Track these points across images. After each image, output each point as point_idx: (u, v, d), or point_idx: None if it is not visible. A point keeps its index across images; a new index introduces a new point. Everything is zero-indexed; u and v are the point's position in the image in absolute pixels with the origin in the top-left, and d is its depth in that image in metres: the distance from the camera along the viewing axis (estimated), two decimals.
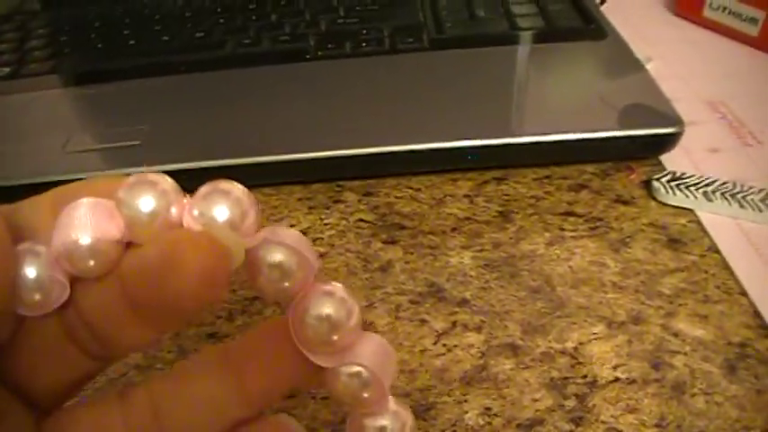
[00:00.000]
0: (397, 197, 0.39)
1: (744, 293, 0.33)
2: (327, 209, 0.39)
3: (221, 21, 0.50)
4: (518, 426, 0.28)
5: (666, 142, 0.38)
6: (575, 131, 0.38)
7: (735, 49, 0.48)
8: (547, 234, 0.36)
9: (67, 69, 0.48)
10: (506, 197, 0.38)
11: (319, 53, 0.46)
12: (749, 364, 0.30)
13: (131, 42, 0.49)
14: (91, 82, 0.46)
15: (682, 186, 0.37)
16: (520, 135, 0.38)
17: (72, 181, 0.38)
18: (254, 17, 0.50)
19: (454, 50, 0.45)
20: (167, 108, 0.43)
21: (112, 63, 0.47)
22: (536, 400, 0.29)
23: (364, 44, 0.46)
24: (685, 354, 0.30)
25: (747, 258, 0.34)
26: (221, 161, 0.39)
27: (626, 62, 0.43)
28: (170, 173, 0.38)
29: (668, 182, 0.37)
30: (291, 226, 0.38)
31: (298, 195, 0.40)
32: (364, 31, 0.47)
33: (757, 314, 0.32)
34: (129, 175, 0.38)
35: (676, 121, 0.38)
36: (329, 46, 0.46)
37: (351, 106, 0.41)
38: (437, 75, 0.43)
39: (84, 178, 0.38)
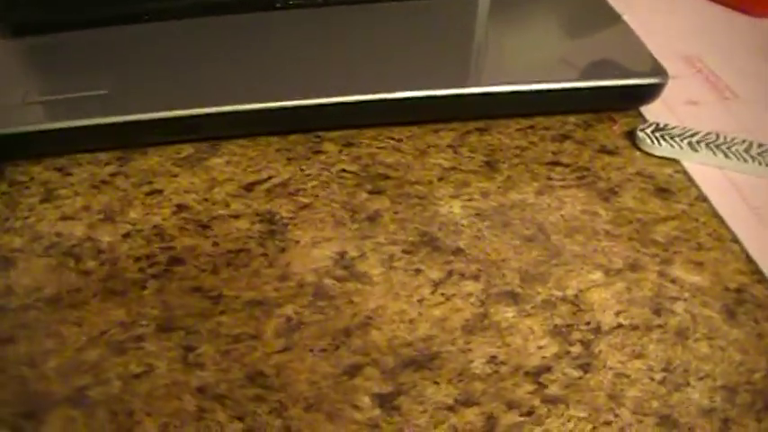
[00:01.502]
0: (378, 148, 0.38)
1: (735, 240, 0.33)
2: (308, 159, 0.37)
3: None
4: (526, 373, 0.28)
5: (649, 93, 0.38)
6: (557, 81, 0.38)
7: (704, 6, 0.48)
8: (535, 183, 0.36)
9: (18, 18, 0.45)
10: (491, 147, 0.38)
11: (290, 2, 0.44)
12: (747, 308, 0.30)
13: None
14: (45, 32, 0.43)
15: (667, 137, 0.36)
16: (502, 84, 0.37)
17: (37, 133, 0.36)
18: None
19: (421, 1, 0.44)
20: (133, 58, 0.40)
21: (66, 12, 0.44)
22: (541, 348, 0.29)
23: None
24: (685, 300, 0.30)
25: (736, 207, 0.34)
26: (194, 110, 0.37)
27: (604, 14, 0.42)
28: (141, 122, 0.37)
29: (653, 132, 0.37)
30: (270, 177, 0.37)
31: (276, 146, 0.38)
32: None
33: (750, 260, 0.32)
34: (93, 126, 0.36)
35: (660, 71, 0.38)
36: None
37: (326, 55, 0.40)
38: (414, 23, 0.42)
39: (49, 130, 0.37)
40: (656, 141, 0.36)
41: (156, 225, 0.34)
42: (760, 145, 0.36)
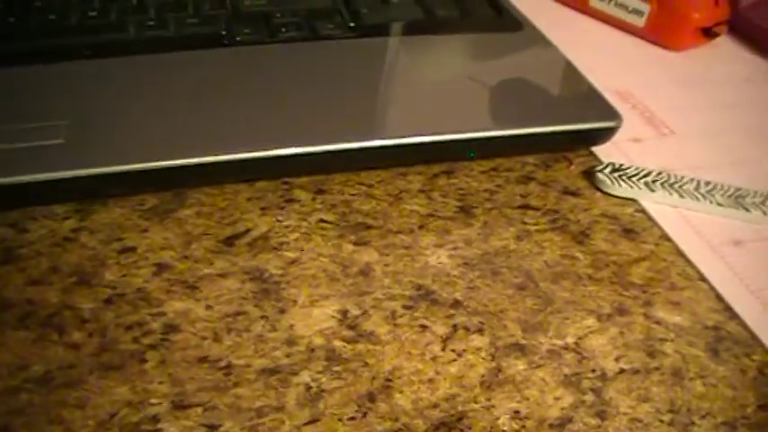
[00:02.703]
0: (351, 195, 0.38)
1: (703, 279, 0.35)
2: (282, 209, 0.37)
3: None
4: (550, 426, 0.29)
5: (604, 135, 0.40)
6: (518, 127, 0.39)
7: (625, 40, 0.51)
8: (512, 228, 0.37)
9: None
10: (461, 191, 0.39)
11: (237, 38, 0.43)
12: (726, 345, 0.33)
13: (11, 20, 0.42)
14: None
15: (624, 177, 0.39)
16: (463, 131, 0.38)
17: None
18: None
19: (374, 39, 0.44)
20: (83, 100, 0.38)
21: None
22: (558, 399, 0.30)
23: (283, 29, 0.43)
24: (672, 341, 0.33)
25: (696, 245, 0.37)
26: (162, 162, 0.35)
27: (548, 54, 0.44)
28: (102, 176, 0.35)
29: (611, 173, 0.39)
30: (248, 230, 0.36)
31: (245, 195, 0.38)
32: (278, 15, 0.44)
33: (720, 298, 0.35)
34: (55, 182, 0.34)
35: (614, 115, 0.40)
36: (245, 30, 0.43)
37: (284, 97, 0.39)
38: (363, 65, 0.42)
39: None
40: (615, 182, 0.39)
41: (140, 288, 0.33)
42: (707, 183, 0.39)
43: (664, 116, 0.44)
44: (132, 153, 0.35)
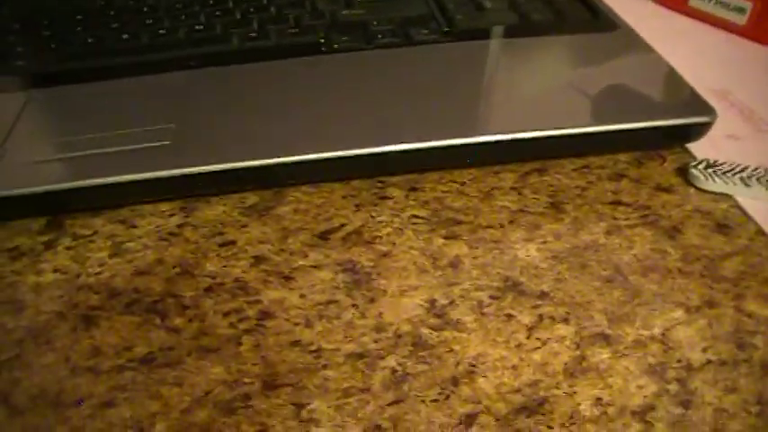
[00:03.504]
0: (443, 192, 0.39)
1: None
2: (375, 206, 0.38)
3: (217, 13, 0.48)
4: (632, 413, 0.29)
5: (698, 131, 0.40)
6: (611, 123, 0.39)
7: (724, 38, 0.50)
8: (602, 224, 0.37)
9: (60, 66, 0.45)
10: (552, 188, 0.39)
11: (335, 46, 0.45)
12: None
13: (125, 36, 0.46)
14: (91, 80, 0.43)
15: (719, 173, 0.38)
16: (559, 128, 0.39)
17: (99, 187, 0.37)
18: (251, 9, 0.48)
19: (470, 42, 0.45)
20: (188, 106, 0.41)
21: (112, 59, 0.45)
22: (641, 387, 0.30)
23: (379, 36, 0.45)
24: (763, 333, 0.32)
25: None
26: (264, 161, 0.38)
27: (644, 52, 0.44)
28: (205, 174, 0.37)
29: (705, 168, 0.39)
30: (342, 225, 0.37)
31: (341, 193, 0.39)
32: (375, 22, 0.46)
33: None
34: (157, 180, 0.37)
35: (708, 110, 0.40)
36: (343, 38, 0.45)
37: (379, 99, 0.41)
38: (459, 68, 0.43)
39: (112, 183, 0.37)
40: (709, 178, 0.38)
41: (238, 278, 0.35)
42: None
43: (763, 113, 0.43)
44: (233, 152, 0.38)
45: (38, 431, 0.29)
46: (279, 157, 0.38)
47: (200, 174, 0.37)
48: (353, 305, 0.34)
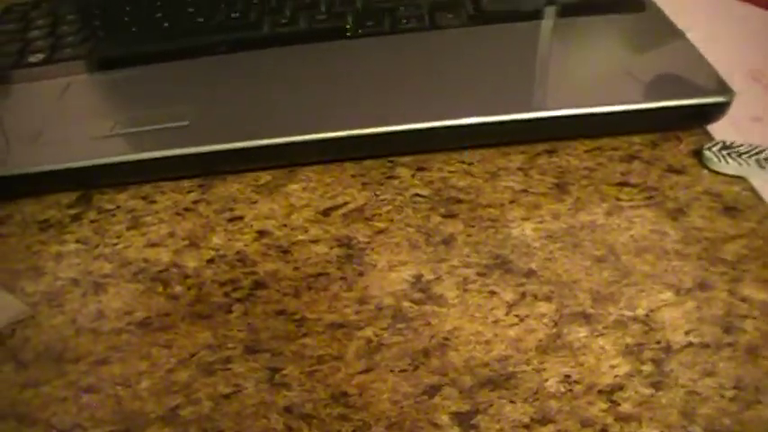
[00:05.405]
0: (450, 172, 0.39)
1: None
2: (381, 185, 0.39)
3: (254, 1, 0.50)
4: (599, 392, 0.29)
5: (715, 112, 0.39)
6: (624, 103, 0.38)
7: (761, 18, 0.48)
8: (604, 204, 0.37)
9: (103, 53, 0.48)
10: (560, 169, 0.39)
11: (359, 31, 0.46)
12: None
13: (165, 25, 0.48)
14: (128, 65, 0.46)
15: (734, 155, 0.37)
16: (569, 107, 0.38)
17: (124, 163, 0.39)
18: None
19: (494, 25, 0.45)
20: (211, 88, 0.43)
21: (149, 46, 0.47)
22: (614, 367, 0.30)
23: (404, 21, 0.46)
24: (755, 318, 0.31)
25: None
26: (275, 140, 0.39)
27: (668, 33, 0.43)
28: (223, 152, 0.39)
29: (719, 150, 0.37)
30: (346, 203, 0.38)
31: (350, 172, 0.40)
32: (402, 8, 0.47)
33: None
34: (177, 157, 0.38)
35: (725, 89, 0.38)
36: (368, 23, 0.46)
37: (397, 82, 0.41)
38: (481, 50, 0.43)
39: (135, 160, 0.39)
40: (722, 160, 0.37)
41: (239, 251, 0.36)
42: None
43: None
44: (247, 131, 0.39)
45: (38, 383, 0.32)
46: (288, 136, 0.39)
47: (213, 152, 0.39)
48: (342, 278, 0.34)
